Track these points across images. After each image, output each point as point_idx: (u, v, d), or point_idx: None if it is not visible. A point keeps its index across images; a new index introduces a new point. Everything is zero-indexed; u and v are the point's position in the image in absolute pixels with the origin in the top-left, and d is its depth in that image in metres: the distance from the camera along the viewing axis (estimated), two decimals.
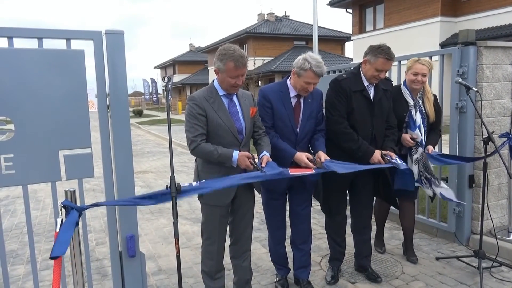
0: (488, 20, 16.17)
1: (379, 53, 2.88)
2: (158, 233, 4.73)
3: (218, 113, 2.55)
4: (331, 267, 3.42)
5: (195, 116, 2.51)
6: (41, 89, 2.17)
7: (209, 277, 2.79)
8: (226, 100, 2.62)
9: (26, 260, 3.96)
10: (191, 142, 2.50)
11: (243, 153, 2.51)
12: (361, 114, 2.99)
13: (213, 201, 2.65)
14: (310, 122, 2.97)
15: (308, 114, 2.95)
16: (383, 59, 2.87)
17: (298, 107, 2.94)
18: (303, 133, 2.95)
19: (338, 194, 3.25)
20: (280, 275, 3.31)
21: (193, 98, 2.56)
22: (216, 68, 2.55)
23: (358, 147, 2.95)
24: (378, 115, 3.05)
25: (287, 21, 36.53)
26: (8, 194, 6.86)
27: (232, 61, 2.44)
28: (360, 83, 3.01)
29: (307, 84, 2.80)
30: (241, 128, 2.62)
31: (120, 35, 2.33)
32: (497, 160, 3.93)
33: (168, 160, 10.20)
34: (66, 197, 1.99)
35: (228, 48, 2.48)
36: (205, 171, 2.64)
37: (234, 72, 2.46)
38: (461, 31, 3.84)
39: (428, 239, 4.20)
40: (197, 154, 2.57)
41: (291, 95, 2.92)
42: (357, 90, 2.98)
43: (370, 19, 21.33)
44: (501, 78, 3.90)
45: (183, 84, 45.87)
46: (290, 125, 2.90)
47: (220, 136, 2.55)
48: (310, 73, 2.76)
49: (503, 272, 3.37)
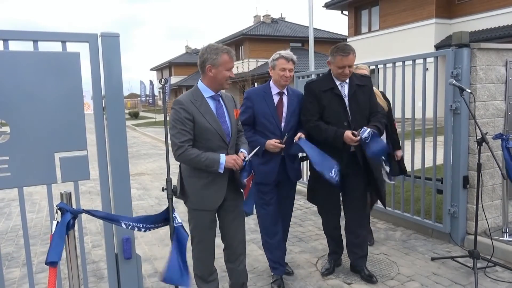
0: (482, 22, 16.30)
1: (335, 52, 3.09)
2: (154, 235, 4.73)
3: (205, 116, 2.49)
4: (329, 260, 3.58)
5: (182, 120, 2.44)
6: (36, 91, 2.17)
7: (202, 280, 2.75)
8: (213, 103, 2.58)
9: (21, 263, 3.95)
10: (178, 148, 2.43)
11: (229, 156, 2.50)
12: (333, 110, 3.14)
13: (202, 206, 2.59)
14: (294, 118, 3.20)
15: (292, 110, 3.19)
16: (339, 56, 3.05)
17: (281, 104, 3.19)
18: (288, 128, 3.16)
19: (326, 190, 3.25)
20: (276, 274, 3.32)
21: (179, 102, 2.49)
22: (209, 65, 2.47)
23: (327, 135, 3.07)
24: (354, 110, 3.14)
25: (283, 23, 36.64)
26: (4, 196, 6.83)
27: (226, 53, 2.49)
28: (330, 82, 3.18)
29: (283, 71, 3.09)
30: (228, 130, 2.59)
31: (115, 38, 2.34)
32: (491, 161, 3.96)
33: (163, 162, 10.22)
34: (62, 200, 1.99)
35: (214, 44, 2.53)
36: (191, 176, 2.57)
37: (229, 64, 2.51)
38: (455, 33, 3.87)
39: (423, 240, 4.23)
40: (183, 160, 2.50)
41: (273, 93, 3.18)
42: (327, 89, 3.15)
43: (366, 21, 21.43)
44: (495, 80, 3.94)
45: (179, 86, 45.83)
46: (274, 121, 3.12)
47: (208, 139, 2.50)
48: (281, 60, 3.10)
49: (497, 272, 3.39)
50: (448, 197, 4.01)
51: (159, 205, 6.06)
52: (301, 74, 6.47)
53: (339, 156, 3.09)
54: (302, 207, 5.73)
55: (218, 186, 2.57)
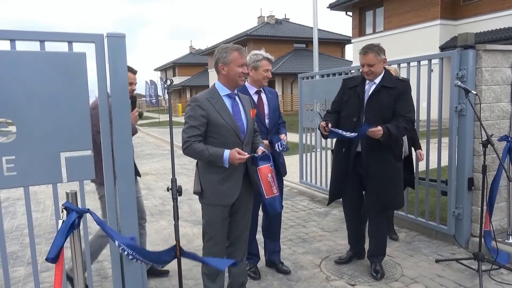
0: (487, 23, 16.23)
1: (359, 52, 3.34)
2: (159, 235, 4.74)
3: (221, 113, 2.59)
4: (347, 251, 3.82)
5: (195, 117, 2.56)
6: (42, 91, 2.18)
7: (209, 279, 2.78)
8: (229, 101, 2.69)
9: (26, 261, 3.97)
10: (184, 142, 2.57)
11: (233, 151, 2.51)
12: (349, 106, 3.36)
13: (217, 201, 2.66)
14: (275, 114, 3.43)
15: (272, 107, 3.40)
16: (360, 55, 3.30)
17: (261, 102, 3.37)
18: (271, 123, 3.37)
19: (338, 176, 3.50)
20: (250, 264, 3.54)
21: (195, 99, 2.62)
22: (221, 64, 2.63)
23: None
24: (371, 108, 3.20)
25: (287, 24, 36.61)
26: (9, 196, 6.87)
27: (236, 51, 2.61)
28: (359, 81, 3.37)
29: (266, 72, 3.30)
30: (243, 127, 2.67)
31: (121, 38, 2.35)
32: (496, 163, 3.94)
33: (168, 162, 10.25)
34: (68, 199, 2.00)
35: (225, 45, 2.68)
36: (208, 172, 2.66)
37: (240, 60, 2.61)
38: (460, 34, 3.86)
39: (427, 242, 4.21)
40: (188, 154, 2.60)
41: (252, 92, 3.33)
42: (352, 86, 3.39)
43: (370, 22, 21.40)
44: (500, 82, 3.92)
45: (183, 86, 45.92)
46: (258, 119, 3.24)
47: (223, 135, 2.59)
48: (265, 61, 3.29)
49: (502, 274, 3.37)
50: (452, 199, 4.00)
51: (163, 205, 6.07)
52: (305, 75, 6.47)
53: (347, 155, 3.37)
54: (306, 208, 5.73)
55: (233, 181, 2.65)
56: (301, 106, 6.46)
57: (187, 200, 6.10)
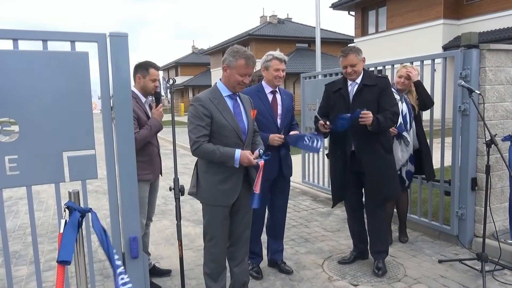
0: (491, 23, 16.15)
1: (340, 54, 3.44)
2: (161, 235, 4.74)
3: (223, 113, 2.59)
4: (351, 251, 3.83)
5: (200, 117, 2.55)
6: (45, 90, 2.18)
7: (211, 279, 2.78)
8: (230, 101, 2.68)
9: (29, 261, 3.98)
10: (194, 143, 2.54)
11: (245, 151, 2.55)
12: (337, 108, 3.43)
13: (217, 202, 2.66)
14: (288, 115, 3.43)
15: (286, 108, 3.41)
16: (341, 58, 3.39)
17: (275, 102, 3.38)
18: (283, 124, 3.36)
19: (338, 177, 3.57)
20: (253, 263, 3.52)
21: (198, 99, 2.61)
22: (225, 65, 2.61)
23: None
24: (357, 107, 3.25)
25: (289, 24, 36.57)
26: (11, 195, 6.88)
27: (244, 59, 2.56)
28: (341, 83, 3.49)
29: (277, 71, 3.29)
30: (244, 128, 2.67)
31: (124, 38, 2.34)
32: (500, 163, 3.92)
33: (169, 162, 10.23)
34: (70, 199, 2.00)
35: (240, 47, 2.64)
36: (208, 171, 2.65)
37: (244, 69, 2.57)
38: (464, 34, 3.84)
39: (430, 242, 4.19)
40: (199, 155, 2.59)
41: (267, 92, 3.36)
42: (336, 90, 3.49)
43: (373, 21, 21.32)
44: (504, 81, 3.90)
45: (185, 86, 45.94)
46: (271, 118, 3.29)
47: (225, 136, 2.59)
48: (275, 61, 3.29)
49: (506, 275, 3.36)
50: (456, 199, 3.98)
51: (165, 204, 6.07)
52: (308, 75, 6.46)
53: (343, 155, 3.45)
54: (308, 208, 5.72)
55: (233, 182, 2.64)
56: (303, 106, 6.45)
57: (189, 199, 6.07)
